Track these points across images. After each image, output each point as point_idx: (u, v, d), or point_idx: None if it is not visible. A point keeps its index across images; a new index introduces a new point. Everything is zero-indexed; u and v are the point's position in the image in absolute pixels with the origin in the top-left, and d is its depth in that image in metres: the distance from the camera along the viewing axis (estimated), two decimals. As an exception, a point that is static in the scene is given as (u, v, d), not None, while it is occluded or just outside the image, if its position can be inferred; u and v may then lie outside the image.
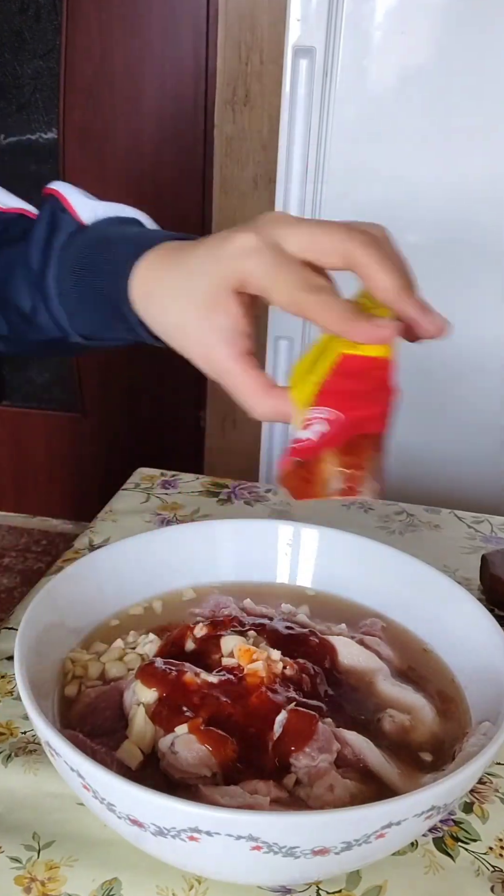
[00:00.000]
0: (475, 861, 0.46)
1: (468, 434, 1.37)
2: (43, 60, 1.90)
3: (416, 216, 1.25)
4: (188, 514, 0.82)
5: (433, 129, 1.21)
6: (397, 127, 1.23)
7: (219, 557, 0.61)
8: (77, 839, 0.46)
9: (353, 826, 0.36)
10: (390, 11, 1.18)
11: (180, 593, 0.59)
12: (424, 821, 0.39)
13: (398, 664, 0.53)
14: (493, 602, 0.67)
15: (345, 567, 0.60)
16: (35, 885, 0.43)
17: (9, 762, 0.51)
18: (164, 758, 0.43)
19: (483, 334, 1.29)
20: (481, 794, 0.51)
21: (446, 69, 1.19)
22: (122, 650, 0.52)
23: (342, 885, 0.44)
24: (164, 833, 0.37)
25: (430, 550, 0.76)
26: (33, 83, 1.92)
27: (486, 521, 0.85)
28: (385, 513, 0.85)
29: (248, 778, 0.42)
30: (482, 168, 1.22)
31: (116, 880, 0.44)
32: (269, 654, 0.48)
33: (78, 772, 0.38)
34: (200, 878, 0.44)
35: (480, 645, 0.50)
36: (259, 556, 0.61)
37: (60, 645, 0.52)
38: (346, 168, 1.26)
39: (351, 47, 1.20)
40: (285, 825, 0.36)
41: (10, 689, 0.58)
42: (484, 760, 0.40)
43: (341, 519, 0.83)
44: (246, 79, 1.82)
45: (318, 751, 0.43)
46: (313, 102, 1.23)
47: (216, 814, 0.36)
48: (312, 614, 0.57)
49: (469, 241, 1.25)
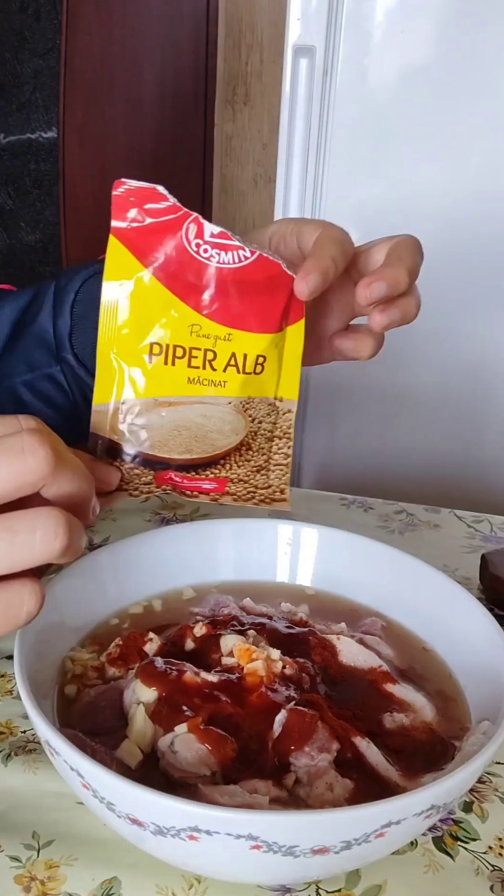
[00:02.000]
0: (475, 860, 0.46)
1: (468, 434, 1.37)
2: (43, 59, 1.90)
3: (416, 216, 1.25)
4: (188, 514, 0.82)
5: (433, 128, 1.21)
6: (397, 126, 1.23)
7: (218, 557, 0.61)
8: (77, 838, 0.46)
9: (353, 825, 0.36)
10: (390, 11, 1.18)
11: (180, 592, 0.59)
12: (424, 820, 0.39)
13: (398, 663, 0.53)
14: (493, 602, 0.67)
15: (344, 566, 0.60)
16: (35, 884, 0.43)
17: (8, 761, 0.51)
18: (163, 757, 0.43)
19: (482, 333, 1.30)
20: (481, 793, 0.51)
21: (446, 68, 1.19)
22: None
23: (342, 885, 0.44)
24: (163, 832, 0.37)
25: (429, 550, 0.76)
26: (33, 82, 1.92)
27: (486, 520, 0.85)
28: (385, 512, 0.85)
29: (247, 777, 0.42)
30: (482, 167, 1.22)
31: (116, 879, 0.44)
32: (268, 654, 0.48)
33: (78, 771, 0.38)
34: (200, 878, 0.44)
35: (480, 644, 0.50)
36: (259, 556, 0.61)
37: (60, 644, 0.52)
38: (346, 168, 1.26)
39: (351, 46, 1.20)
40: (285, 824, 0.36)
41: (10, 688, 0.58)
42: (484, 760, 0.40)
43: (341, 518, 0.83)
44: (246, 78, 1.82)
45: (318, 750, 0.43)
46: (313, 102, 1.23)
47: (216, 813, 0.36)
48: (312, 613, 0.57)
49: (469, 241, 1.25)
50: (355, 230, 0.51)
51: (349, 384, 1.34)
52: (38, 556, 0.35)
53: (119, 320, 0.45)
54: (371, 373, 1.34)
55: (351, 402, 1.37)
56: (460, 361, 1.32)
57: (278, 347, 0.47)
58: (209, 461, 0.47)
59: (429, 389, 1.34)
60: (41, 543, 0.34)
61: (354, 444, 1.41)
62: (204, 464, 0.47)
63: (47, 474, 0.35)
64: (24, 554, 0.34)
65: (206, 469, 0.48)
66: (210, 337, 0.45)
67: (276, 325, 0.46)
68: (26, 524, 0.34)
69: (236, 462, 0.48)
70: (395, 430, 1.38)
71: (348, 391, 1.35)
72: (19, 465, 0.34)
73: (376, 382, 1.34)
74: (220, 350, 0.45)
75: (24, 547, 0.34)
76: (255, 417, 0.47)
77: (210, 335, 0.45)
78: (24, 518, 0.34)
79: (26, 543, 0.34)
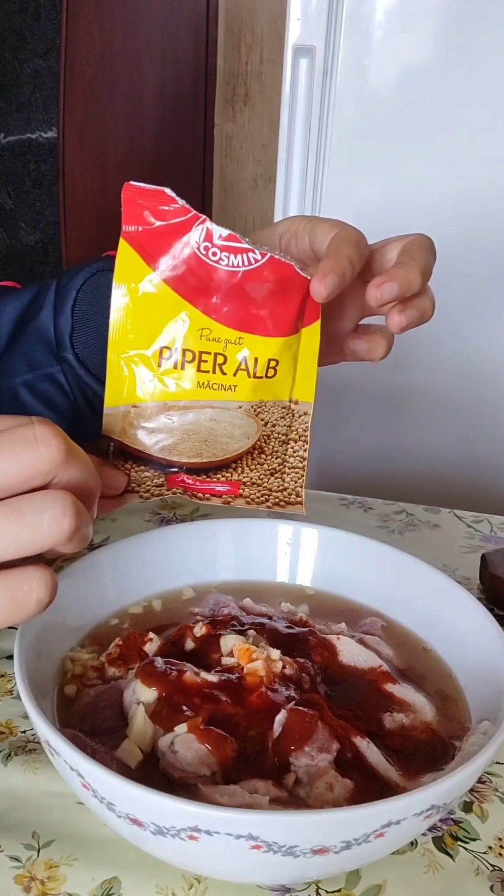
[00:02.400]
0: (475, 860, 0.46)
1: (468, 434, 1.37)
2: (43, 59, 1.90)
3: (416, 215, 1.24)
4: (188, 514, 0.82)
5: (433, 128, 1.21)
6: (397, 126, 1.23)
7: (218, 557, 0.61)
8: (77, 838, 0.46)
9: (353, 825, 0.36)
10: (390, 10, 1.18)
11: (180, 592, 0.59)
12: (424, 820, 0.39)
13: (398, 663, 0.53)
14: (492, 602, 0.67)
15: (344, 566, 0.60)
16: (35, 884, 0.43)
17: (8, 761, 0.51)
18: (163, 757, 0.43)
19: (483, 332, 1.29)
20: (481, 793, 0.51)
21: (446, 68, 1.19)
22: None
23: (342, 885, 0.44)
24: (163, 832, 0.37)
25: (429, 550, 0.76)
26: (33, 82, 1.92)
27: (486, 520, 0.85)
28: (385, 512, 0.85)
29: (247, 777, 0.42)
30: (482, 167, 1.22)
31: (116, 879, 0.44)
32: (268, 654, 0.48)
33: (77, 771, 0.38)
34: (200, 878, 0.44)
35: (480, 644, 0.50)
36: (258, 556, 0.61)
37: (60, 644, 0.52)
38: (346, 167, 1.26)
39: (351, 46, 1.20)
40: (285, 824, 0.36)
41: (10, 687, 0.58)
42: (484, 760, 0.40)
43: (341, 519, 0.83)
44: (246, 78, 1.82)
45: (318, 750, 0.43)
46: (313, 102, 1.23)
47: (216, 813, 0.36)
48: (312, 613, 0.57)
49: (470, 241, 1.25)
50: (356, 230, 0.51)
51: (349, 384, 1.34)
52: (47, 539, 0.34)
53: (129, 324, 0.45)
54: (371, 373, 1.34)
55: (351, 402, 1.37)
56: (461, 361, 1.32)
57: (292, 350, 0.47)
58: (220, 465, 0.47)
59: (429, 389, 1.34)
60: (49, 525, 0.34)
61: (354, 443, 1.41)
62: (215, 467, 0.47)
63: (59, 464, 0.34)
64: (32, 535, 0.34)
65: (218, 472, 0.48)
66: (220, 341, 0.45)
67: (288, 328, 0.46)
68: (34, 506, 0.34)
69: (248, 465, 0.48)
70: (395, 430, 1.38)
71: (348, 391, 1.35)
72: (32, 453, 0.34)
73: (377, 382, 1.34)
74: (230, 354, 0.45)
75: (31, 529, 0.34)
76: (267, 421, 0.47)
77: (220, 339, 0.45)
78: (33, 500, 0.34)
79: (34, 525, 0.34)
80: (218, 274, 0.44)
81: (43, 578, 0.35)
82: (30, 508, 0.34)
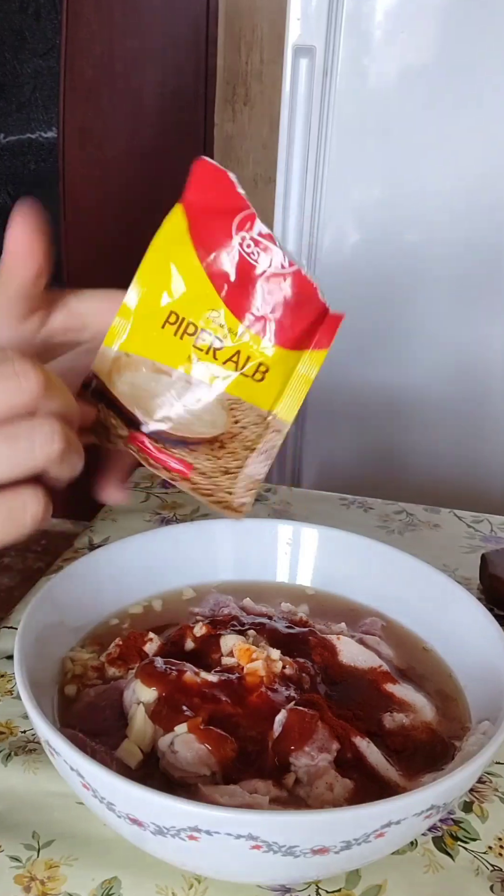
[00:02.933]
0: (475, 860, 0.46)
1: (468, 434, 1.37)
2: (43, 59, 1.90)
3: (416, 215, 1.25)
4: (188, 514, 0.82)
5: (433, 128, 1.21)
6: (397, 126, 1.23)
7: (218, 557, 0.61)
8: (77, 838, 0.46)
9: (353, 825, 0.36)
10: (390, 10, 1.18)
11: (180, 592, 0.59)
12: (424, 820, 0.39)
13: (398, 663, 0.53)
14: (492, 602, 0.67)
15: (344, 566, 0.60)
16: (35, 884, 0.43)
17: (8, 761, 0.51)
18: (163, 757, 0.43)
19: (482, 333, 1.29)
20: (481, 793, 0.51)
21: (446, 68, 1.19)
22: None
23: (342, 885, 0.44)
24: (163, 832, 0.37)
25: (429, 550, 0.76)
26: (33, 82, 1.93)
27: (486, 520, 0.85)
28: (385, 512, 0.85)
29: (247, 777, 0.42)
30: (482, 167, 1.22)
31: (116, 879, 0.44)
32: (268, 654, 0.48)
33: (78, 771, 0.38)
34: (200, 878, 0.44)
35: (480, 644, 0.51)
36: (258, 556, 0.61)
37: (60, 644, 0.52)
38: (346, 168, 1.26)
39: (351, 46, 1.20)
40: (285, 824, 0.36)
41: (10, 688, 0.58)
42: (484, 760, 0.40)
43: (341, 519, 0.83)
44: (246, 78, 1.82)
45: (318, 750, 0.43)
46: (313, 102, 1.23)
47: (216, 813, 0.36)
48: (312, 613, 0.57)
49: (469, 241, 1.25)
50: (355, 230, 0.51)
51: (349, 384, 1.34)
52: (39, 460, 0.37)
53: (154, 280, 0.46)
54: (371, 373, 1.34)
55: (351, 402, 1.37)
56: (460, 362, 1.32)
57: (288, 365, 0.47)
58: (179, 440, 0.48)
59: (429, 389, 1.34)
60: (40, 448, 0.36)
61: (354, 443, 1.41)
62: (174, 441, 0.47)
63: (40, 395, 0.36)
64: (26, 457, 0.36)
65: (177, 447, 0.48)
66: (223, 327, 0.46)
67: (290, 341, 0.46)
68: (25, 431, 0.36)
69: (206, 455, 0.48)
70: (395, 430, 1.38)
71: (348, 391, 1.35)
72: (14, 386, 0.36)
73: (377, 382, 1.34)
74: (227, 342, 0.46)
75: (24, 451, 0.36)
76: (238, 420, 0.48)
77: (224, 325, 0.46)
78: (23, 425, 0.37)
79: (27, 448, 0.36)
80: (244, 265, 0.45)
81: (36, 495, 0.37)
82: (21, 433, 0.36)
